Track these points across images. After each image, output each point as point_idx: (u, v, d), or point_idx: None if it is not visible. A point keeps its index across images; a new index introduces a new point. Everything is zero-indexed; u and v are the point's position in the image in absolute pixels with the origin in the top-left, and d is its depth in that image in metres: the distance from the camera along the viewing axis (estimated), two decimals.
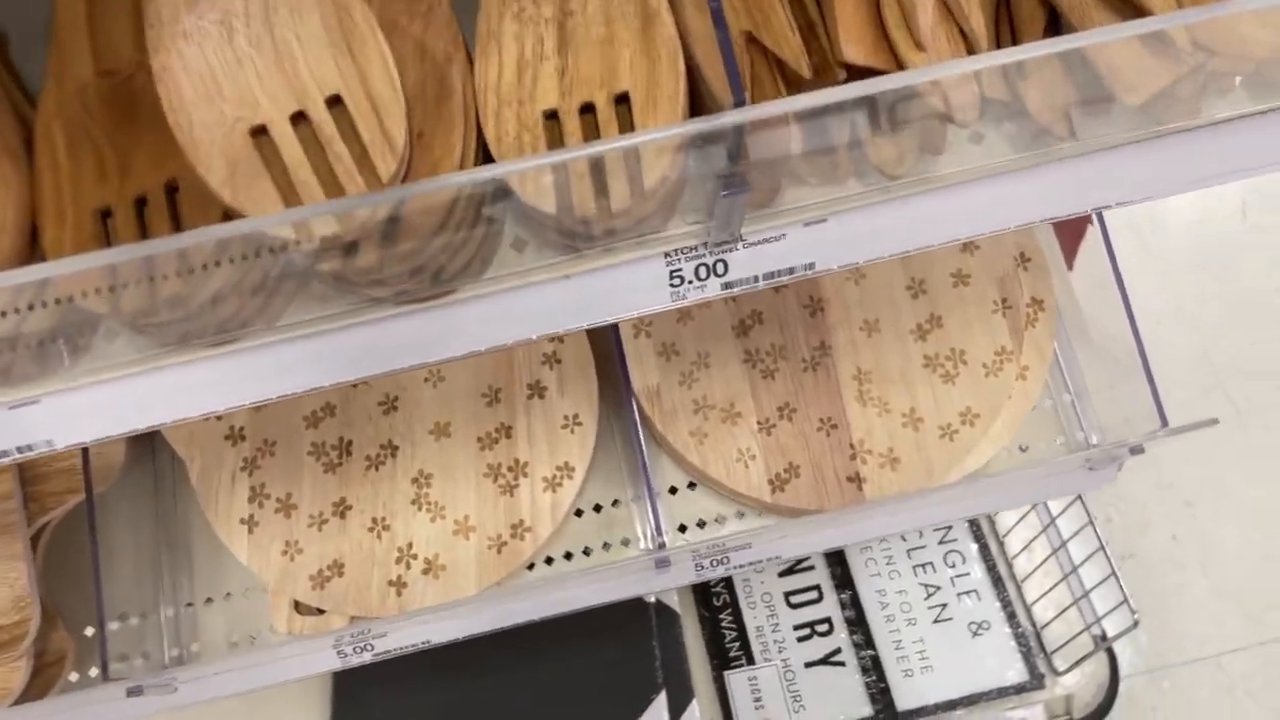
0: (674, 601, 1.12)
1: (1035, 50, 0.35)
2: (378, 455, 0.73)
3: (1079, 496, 1.00)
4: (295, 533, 0.71)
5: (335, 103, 0.37)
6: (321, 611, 0.71)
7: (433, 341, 0.45)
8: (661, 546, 0.72)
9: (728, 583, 1.14)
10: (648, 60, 0.40)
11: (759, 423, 0.73)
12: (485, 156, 0.41)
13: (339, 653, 0.76)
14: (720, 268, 0.46)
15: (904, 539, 1.14)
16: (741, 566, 0.80)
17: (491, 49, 0.40)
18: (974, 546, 1.12)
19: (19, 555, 0.70)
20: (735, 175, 0.38)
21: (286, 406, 0.74)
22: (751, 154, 0.38)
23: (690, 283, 0.47)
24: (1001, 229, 0.47)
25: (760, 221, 0.45)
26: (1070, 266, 0.82)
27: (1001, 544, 1.12)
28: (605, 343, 0.75)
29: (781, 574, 1.14)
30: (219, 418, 0.73)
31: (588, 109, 0.40)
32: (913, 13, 0.38)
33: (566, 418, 0.73)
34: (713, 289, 0.47)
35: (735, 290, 0.47)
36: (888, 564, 1.13)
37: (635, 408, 0.70)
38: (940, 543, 1.14)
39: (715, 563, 0.79)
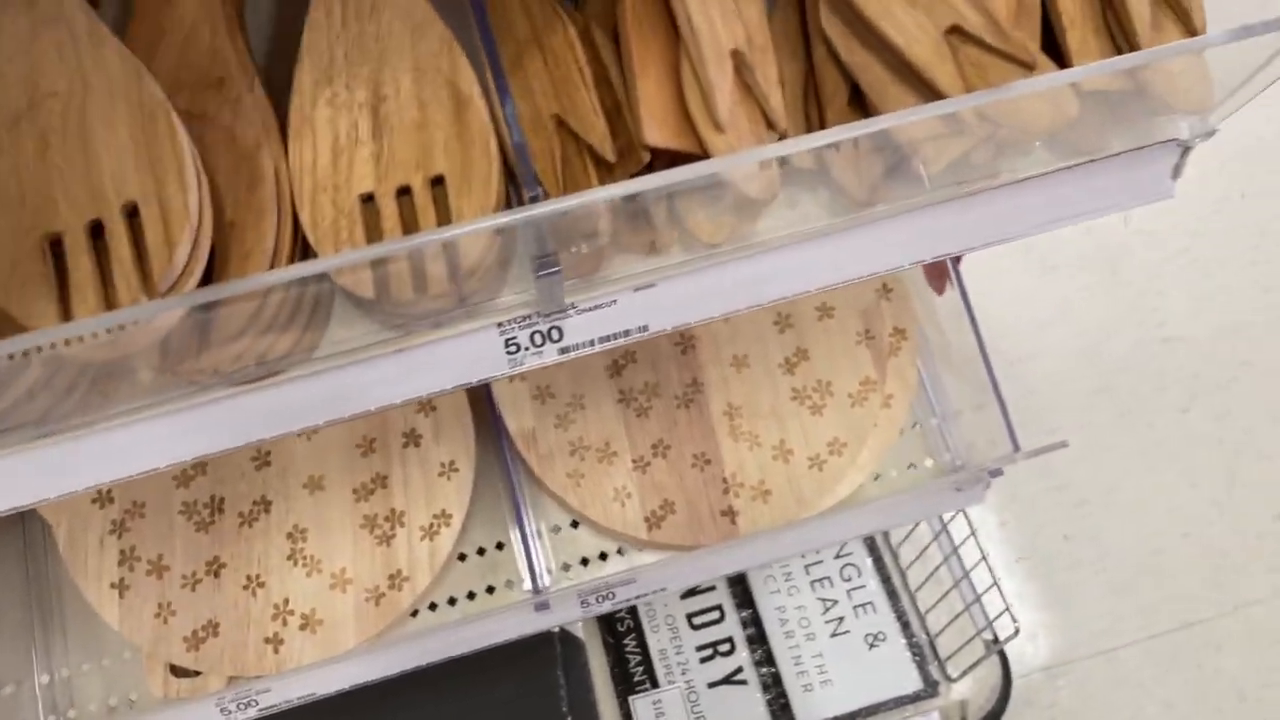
0: (579, 630, 1.13)
1: (818, 139, 0.36)
2: (250, 512, 0.72)
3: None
4: (168, 594, 0.71)
5: (133, 212, 0.37)
6: (199, 673, 0.71)
7: (273, 417, 0.45)
8: (537, 590, 0.72)
9: (631, 607, 1.15)
10: (461, 144, 0.40)
11: (634, 461, 0.74)
12: (304, 241, 0.41)
13: (222, 710, 0.75)
14: (555, 334, 0.47)
15: (802, 555, 1.16)
16: (628, 600, 0.81)
17: (306, 134, 0.41)
18: (869, 560, 1.15)
19: None
20: (547, 258, 0.39)
21: None
22: (562, 237, 0.39)
23: (527, 349, 0.47)
24: (823, 287, 0.48)
25: (590, 289, 0.46)
26: (940, 291, 0.84)
27: (895, 555, 1.15)
28: (479, 391, 0.76)
29: (684, 596, 1.15)
30: None
31: (405, 191, 0.41)
32: (711, 95, 0.39)
33: (443, 465, 0.74)
34: (550, 355, 0.48)
35: (573, 354, 0.48)
36: (786, 581, 1.15)
37: (507, 452, 0.71)
38: (836, 557, 1.16)
39: (601, 599, 0.80)
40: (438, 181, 0.41)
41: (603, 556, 0.78)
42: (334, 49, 0.41)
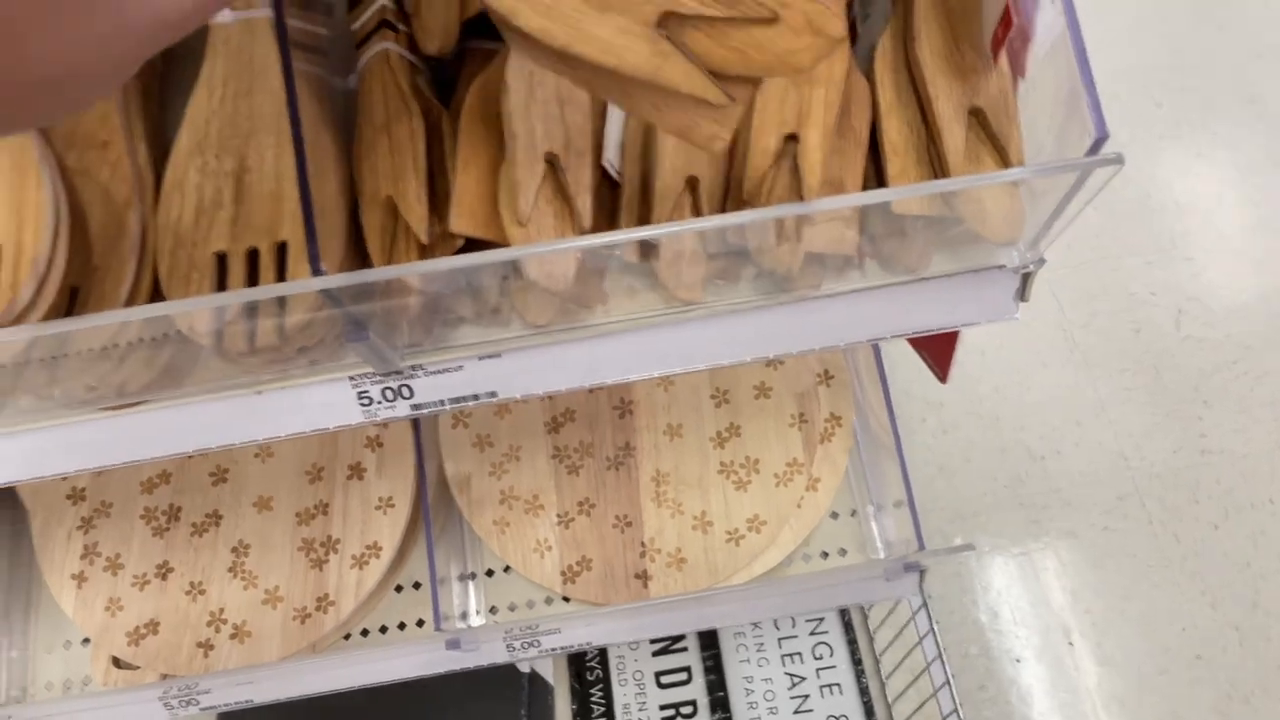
0: (548, 673, 1.15)
1: (552, 249, 0.40)
2: (203, 523, 0.78)
3: (923, 602, 1.03)
4: (119, 591, 0.77)
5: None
6: (137, 667, 0.77)
7: (133, 444, 0.50)
8: (438, 627, 0.76)
9: (602, 658, 1.18)
10: (326, 211, 0.45)
11: (559, 516, 0.77)
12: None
13: (165, 704, 0.81)
14: (406, 391, 0.52)
15: (776, 627, 1.17)
16: (552, 650, 0.84)
17: (175, 196, 0.46)
18: (843, 640, 1.15)
19: None
20: (352, 327, 0.43)
21: (128, 471, 0.80)
22: (370, 309, 0.43)
23: (379, 403, 0.52)
24: (663, 372, 0.51)
25: (437, 354, 0.50)
26: (944, 379, 0.84)
27: (871, 638, 1.14)
28: (426, 430, 0.81)
29: (655, 654, 1.17)
30: (64, 477, 0.80)
31: (252, 251, 0.46)
32: (515, 192, 0.43)
33: (381, 499, 0.78)
34: (402, 410, 0.52)
35: (425, 412, 0.52)
36: (758, 650, 1.16)
37: (426, 496, 0.75)
38: (811, 634, 1.17)
39: (527, 645, 0.83)
40: (283, 247, 0.46)
41: (529, 604, 0.81)
42: (210, 123, 0.47)
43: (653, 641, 1.17)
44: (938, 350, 0.87)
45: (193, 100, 0.47)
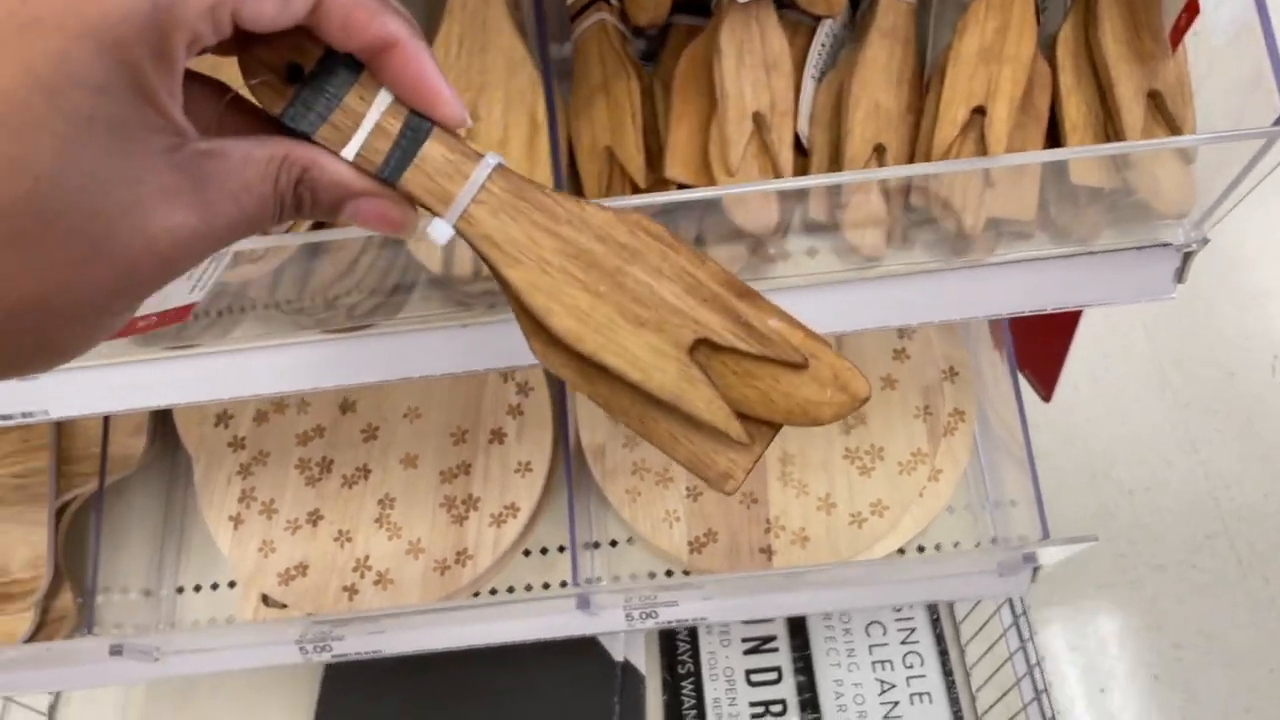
0: (641, 663, 1.19)
1: (798, 183, 0.44)
2: (352, 476, 0.83)
3: (1022, 610, 1.05)
4: (272, 534, 0.82)
5: None
6: (284, 606, 0.81)
7: (355, 366, 0.55)
8: (576, 583, 0.80)
9: (694, 652, 1.20)
10: (529, 160, 0.50)
11: (688, 489, 0.81)
12: None
13: (301, 648, 0.86)
14: None
15: (867, 634, 1.19)
16: (669, 622, 0.87)
17: None
18: (934, 650, 1.17)
19: (42, 523, 0.83)
20: None
21: (284, 424, 0.85)
22: None
23: None
24: (833, 331, 0.55)
25: None
26: (1048, 397, 0.87)
27: (963, 651, 1.16)
28: (565, 401, 0.85)
29: (746, 652, 1.20)
30: (226, 426, 0.85)
31: None
32: (726, 146, 0.48)
33: (519, 463, 0.83)
34: None
35: None
36: (849, 655, 1.18)
37: (567, 463, 0.79)
38: (902, 643, 1.19)
39: (645, 615, 0.87)
40: None
41: (651, 575, 0.85)
42: (448, 75, 0.52)
43: (744, 640, 1.20)
44: (1044, 368, 0.90)
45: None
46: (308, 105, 0.32)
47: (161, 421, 0.89)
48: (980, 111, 0.50)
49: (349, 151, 0.32)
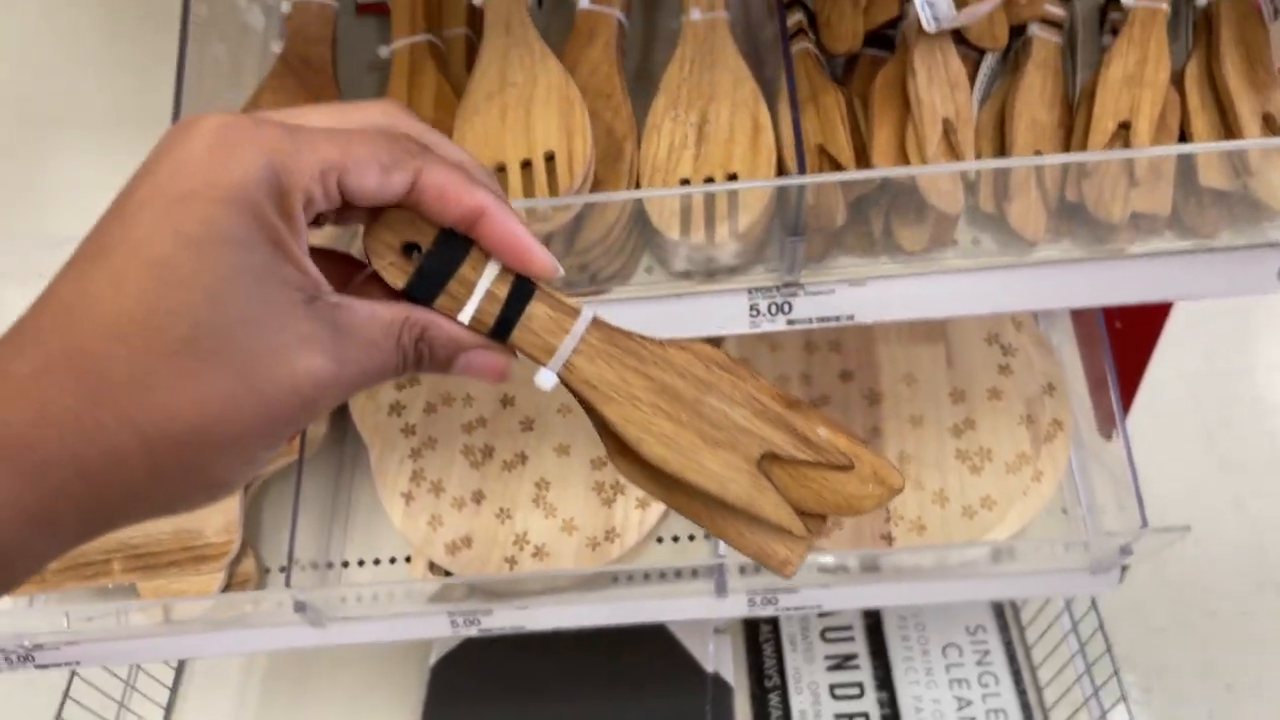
0: (729, 676, 1.26)
1: (976, 165, 0.55)
2: (511, 461, 0.93)
3: (1099, 625, 1.13)
4: (440, 510, 0.91)
5: (550, 158, 0.59)
6: (449, 574, 0.90)
7: None
8: (721, 568, 0.89)
9: (779, 668, 1.28)
10: (752, 156, 0.61)
11: None
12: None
13: (452, 621, 0.95)
14: (786, 307, 0.66)
15: (944, 654, 1.27)
16: (788, 610, 0.96)
17: (653, 136, 0.63)
18: (1008, 671, 1.24)
19: (234, 493, 0.92)
20: (796, 228, 0.58)
21: (451, 415, 0.95)
22: (809, 216, 0.58)
23: (763, 315, 0.67)
24: (991, 310, 0.65)
25: (817, 275, 0.65)
26: (1109, 436, 0.97)
27: (1035, 674, 1.23)
28: None
29: (829, 668, 1.27)
30: (399, 415, 0.95)
31: (709, 180, 0.62)
32: (923, 143, 0.59)
33: None
34: (779, 324, 0.67)
35: (796, 327, 0.67)
36: (927, 674, 1.25)
37: None
38: (978, 664, 1.26)
39: (766, 601, 0.95)
40: (733, 177, 0.61)
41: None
42: (681, 87, 0.63)
43: (827, 658, 1.28)
44: (1107, 411, 1.00)
45: (667, 72, 0.64)
46: (426, 280, 0.36)
47: (336, 411, 0.99)
48: (1124, 127, 0.61)
49: (464, 316, 0.37)
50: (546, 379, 0.38)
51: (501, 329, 0.37)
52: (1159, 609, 1.48)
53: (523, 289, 0.37)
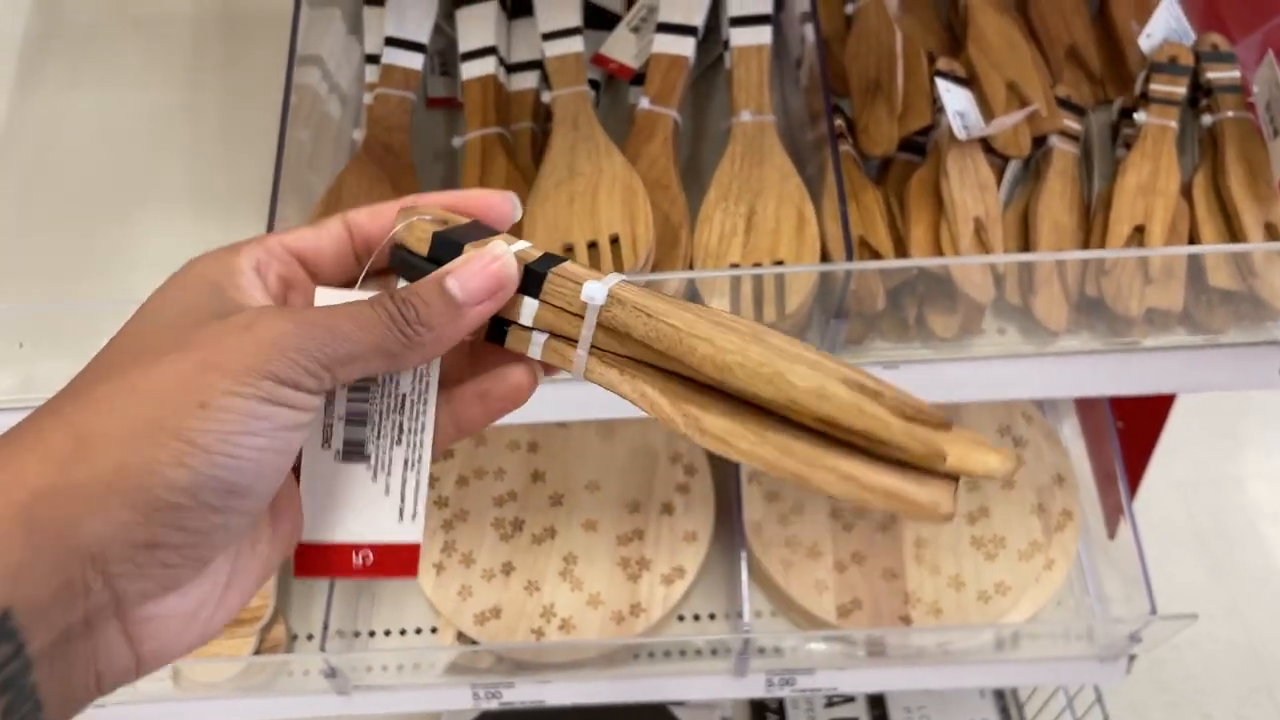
0: None
1: (1010, 258, 0.60)
2: (540, 535, 0.96)
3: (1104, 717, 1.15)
4: (470, 581, 0.94)
5: (615, 240, 0.64)
6: (475, 643, 0.92)
7: None
8: (746, 645, 0.91)
9: None
10: (797, 244, 0.66)
11: (835, 562, 0.94)
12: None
13: (474, 694, 0.96)
14: None
15: None
16: (804, 691, 0.98)
17: (705, 225, 0.68)
18: None
19: None
20: (840, 309, 0.63)
21: (482, 488, 0.99)
22: (851, 302, 0.63)
23: None
24: (1014, 396, 0.70)
25: (855, 357, 0.70)
26: (1112, 535, 1.01)
27: None
28: (725, 482, 0.99)
29: None
30: (432, 487, 0.98)
31: (756, 265, 0.67)
32: (956, 239, 0.64)
33: (686, 532, 0.96)
34: None
35: None
36: None
37: (744, 532, 0.92)
38: None
39: (784, 682, 0.97)
40: (779, 263, 0.67)
41: (793, 648, 0.96)
42: (732, 182, 0.69)
43: None
44: (1113, 505, 1.04)
45: (719, 167, 0.70)
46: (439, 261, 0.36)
47: None
48: (1139, 230, 0.67)
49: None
50: (596, 291, 0.34)
51: (531, 286, 0.36)
52: (1156, 711, 1.49)
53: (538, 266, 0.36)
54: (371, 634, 0.99)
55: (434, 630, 0.98)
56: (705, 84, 0.82)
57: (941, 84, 0.70)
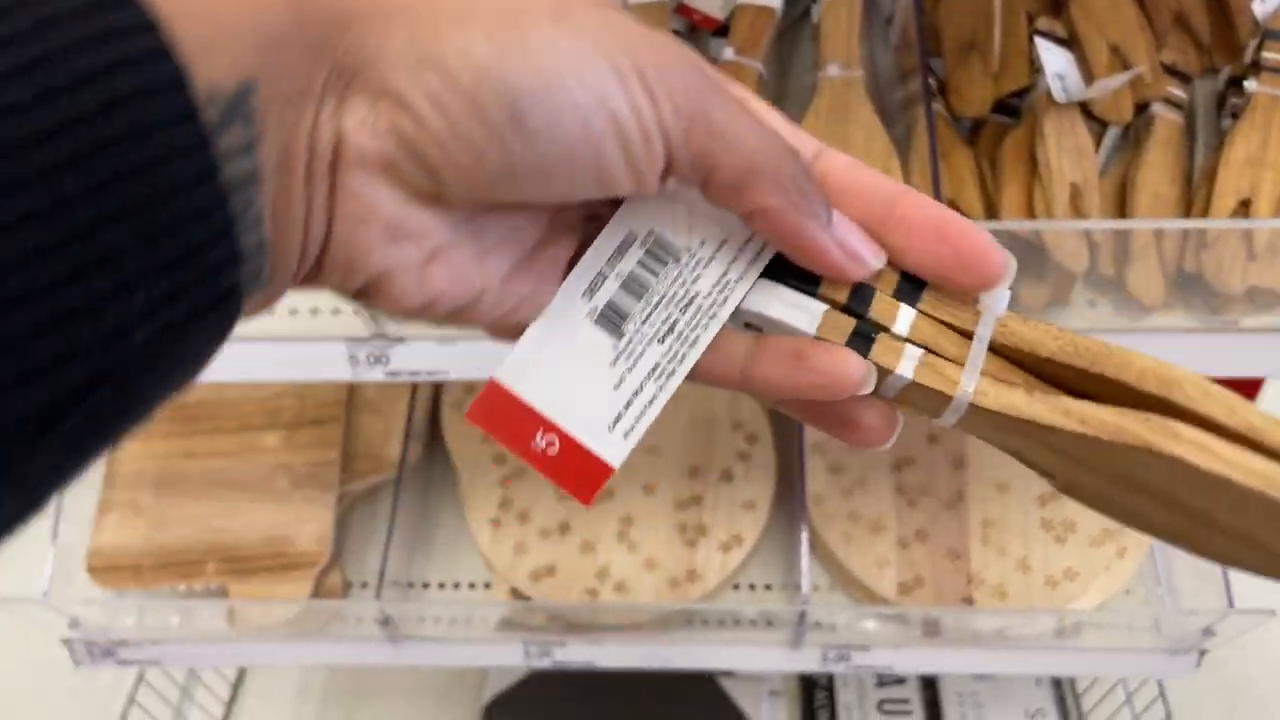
0: None
1: (1108, 225, 0.57)
2: (599, 495, 0.95)
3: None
4: (526, 538, 0.93)
5: None
6: (529, 599, 0.92)
7: None
8: (802, 617, 0.89)
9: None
10: None
11: (898, 539, 0.92)
12: None
13: (526, 651, 0.96)
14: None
15: None
16: (858, 667, 0.96)
17: None
18: None
19: (328, 505, 0.95)
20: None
21: None
22: None
23: None
24: None
25: None
26: None
27: None
28: (787, 452, 0.97)
29: None
30: (490, 443, 0.98)
31: None
32: (1051, 204, 0.61)
33: (745, 501, 0.94)
34: None
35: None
36: None
37: (805, 501, 0.91)
38: None
39: (839, 658, 0.96)
40: None
41: (849, 623, 0.94)
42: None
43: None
44: None
45: (802, 123, 0.68)
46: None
47: (428, 437, 1.02)
48: (1244, 205, 0.63)
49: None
50: (999, 300, 0.28)
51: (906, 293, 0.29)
52: (1218, 709, 1.45)
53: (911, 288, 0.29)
54: (425, 585, 0.99)
55: (488, 586, 0.98)
56: (790, 40, 0.80)
57: (1041, 44, 0.67)
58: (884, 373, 0.29)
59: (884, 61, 0.75)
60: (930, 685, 1.26)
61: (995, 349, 0.28)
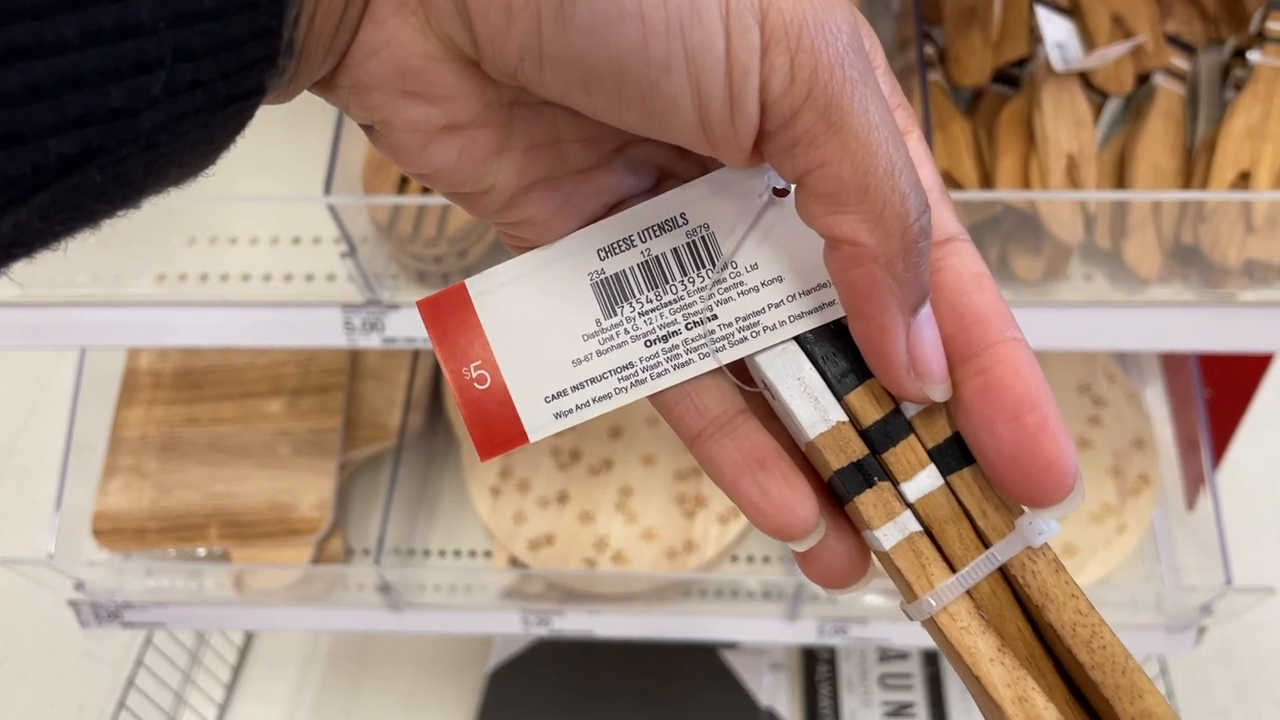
0: (784, 712, 1.26)
1: (1104, 196, 0.57)
2: (598, 466, 0.95)
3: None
4: (525, 507, 0.94)
5: None
6: (526, 566, 0.93)
7: None
8: (799, 589, 0.90)
9: (834, 709, 1.28)
10: None
11: None
12: None
13: (524, 619, 0.97)
14: None
15: None
16: (858, 640, 0.96)
17: None
18: None
19: (330, 473, 0.96)
20: None
21: None
22: None
23: None
24: (1097, 347, 0.67)
25: None
26: (1191, 505, 0.96)
27: None
28: None
29: (886, 715, 1.27)
30: None
31: None
32: (1046, 176, 0.61)
33: None
34: None
35: None
36: None
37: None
38: None
39: (836, 630, 0.96)
40: None
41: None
42: None
43: (884, 703, 1.27)
44: (1194, 475, 0.99)
45: None
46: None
47: (430, 405, 1.03)
48: (1244, 178, 0.63)
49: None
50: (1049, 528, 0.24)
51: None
52: (1224, 691, 1.45)
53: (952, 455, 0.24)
54: (426, 553, 1.00)
55: (488, 554, 0.99)
56: None
57: (1042, 13, 0.66)
58: (862, 524, 0.24)
59: (885, 29, 0.74)
60: (933, 660, 1.26)
61: (1005, 577, 0.24)
